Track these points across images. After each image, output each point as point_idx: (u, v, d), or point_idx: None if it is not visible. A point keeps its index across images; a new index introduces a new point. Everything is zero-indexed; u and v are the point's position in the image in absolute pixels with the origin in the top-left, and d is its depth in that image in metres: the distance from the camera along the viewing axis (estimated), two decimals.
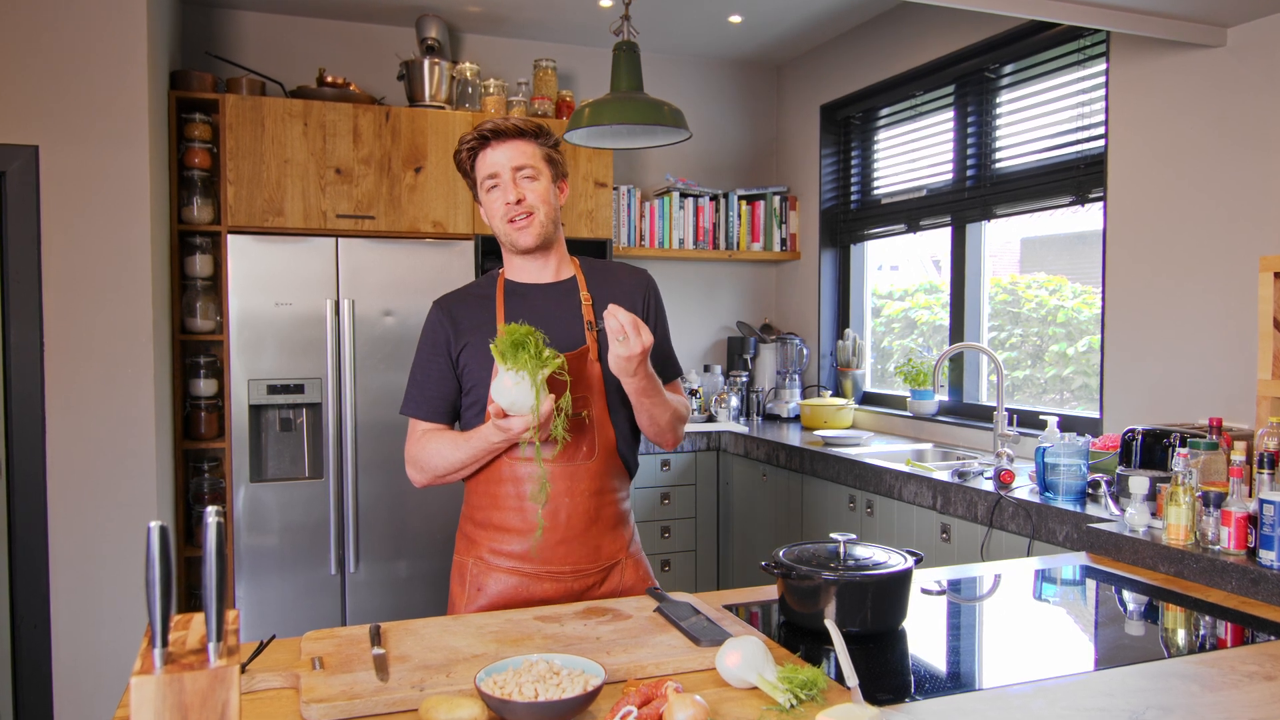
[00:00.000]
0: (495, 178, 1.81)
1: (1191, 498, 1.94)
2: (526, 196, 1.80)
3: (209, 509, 0.98)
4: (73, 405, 3.00)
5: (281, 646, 1.46)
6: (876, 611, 1.53)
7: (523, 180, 1.81)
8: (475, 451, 1.76)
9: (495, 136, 1.81)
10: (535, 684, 1.19)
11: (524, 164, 1.81)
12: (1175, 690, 1.31)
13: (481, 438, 1.73)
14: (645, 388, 1.76)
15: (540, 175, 1.82)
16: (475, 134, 1.82)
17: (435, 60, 3.85)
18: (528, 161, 1.81)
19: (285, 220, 3.57)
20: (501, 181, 1.81)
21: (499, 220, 1.83)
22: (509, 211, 1.80)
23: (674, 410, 1.86)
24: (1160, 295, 2.87)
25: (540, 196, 1.82)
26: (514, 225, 1.81)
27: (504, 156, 1.80)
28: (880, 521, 3.11)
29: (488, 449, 1.75)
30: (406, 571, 3.62)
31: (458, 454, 1.78)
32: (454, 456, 1.79)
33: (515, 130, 1.81)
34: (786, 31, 4.36)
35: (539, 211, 1.81)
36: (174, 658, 0.97)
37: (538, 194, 1.81)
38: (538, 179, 1.82)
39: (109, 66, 3.00)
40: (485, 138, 1.81)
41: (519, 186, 1.80)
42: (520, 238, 1.82)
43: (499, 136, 1.81)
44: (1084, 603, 1.89)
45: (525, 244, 1.82)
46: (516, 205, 1.80)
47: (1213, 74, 2.72)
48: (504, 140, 1.81)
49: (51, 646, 3.01)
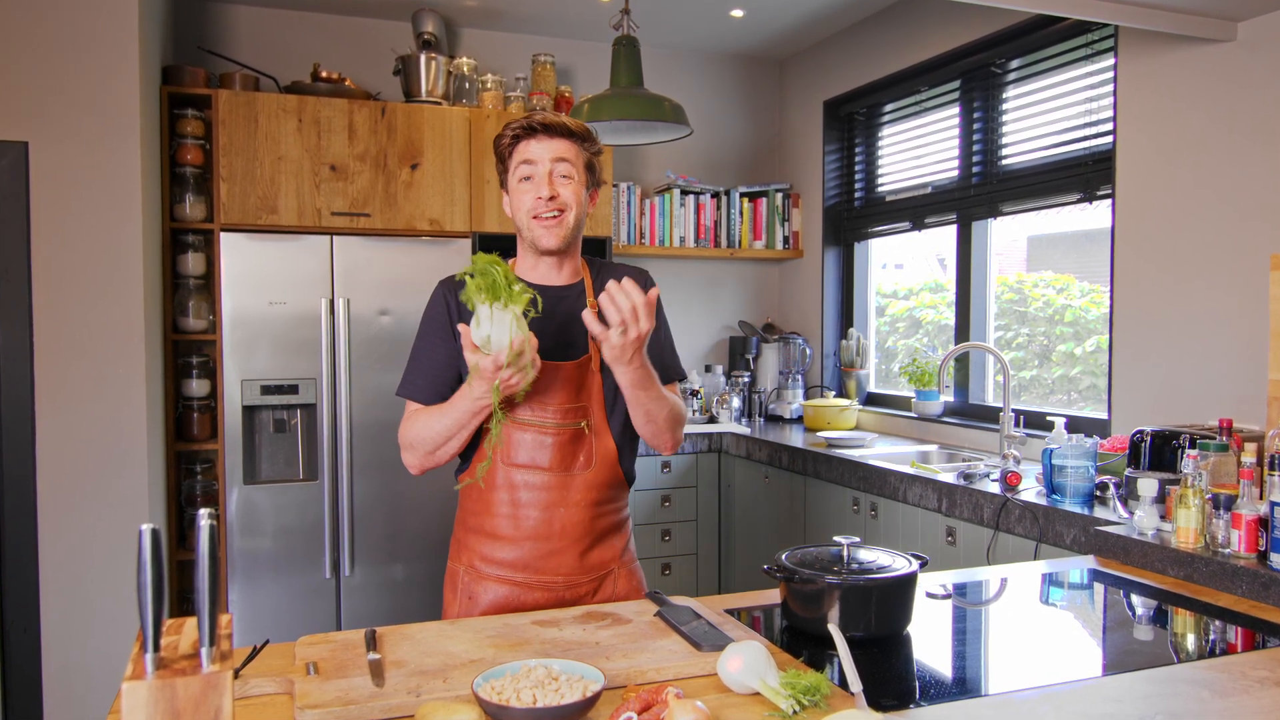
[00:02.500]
0: (531, 165, 1.78)
1: (1201, 500, 1.94)
2: (560, 194, 1.78)
3: (202, 511, 0.98)
4: (63, 406, 3.00)
5: (275, 651, 1.46)
6: (881, 616, 1.53)
7: (559, 178, 1.78)
8: (460, 415, 1.70)
9: (544, 130, 1.78)
10: (534, 690, 1.19)
11: (564, 160, 1.78)
12: (1185, 696, 1.31)
13: (462, 396, 1.68)
14: (640, 379, 1.70)
15: (576, 178, 1.80)
16: (524, 122, 1.79)
17: (432, 55, 3.85)
18: (569, 159, 1.79)
19: (279, 218, 3.57)
20: (537, 175, 1.78)
21: (524, 214, 1.79)
22: (538, 207, 1.77)
23: (671, 407, 1.82)
24: (1169, 294, 2.87)
25: (573, 197, 1.79)
26: (540, 222, 1.78)
27: (546, 151, 1.78)
28: (884, 524, 3.11)
29: (472, 410, 1.69)
30: (402, 575, 3.62)
31: (443, 420, 1.72)
32: (439, 425, 1.73)
33: (564, 129, 1.79)
34: (789, 26, 4.36)
35: (569, 212, 1.79)
36: (166, 663, 0.97)
37: (571, 194, 1.79)
38: (574, 180, 1.79)
39: (100, 61, 3.00)
40: (534, 129, 1.78)
41: (554, 183, 1.77)
42: (545, 237, 1.79)
43: (548, 131, 1.78)
44: (1092, 607, 1.89)
45: (547, 245, 1.79)
46: (549, 201, 1.77)
47: (1223, 69, 2.72)
48: (552, 136, 1.78)
49: (41, 651, 3.01)
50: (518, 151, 1.80)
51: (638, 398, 1.75)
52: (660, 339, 1.91)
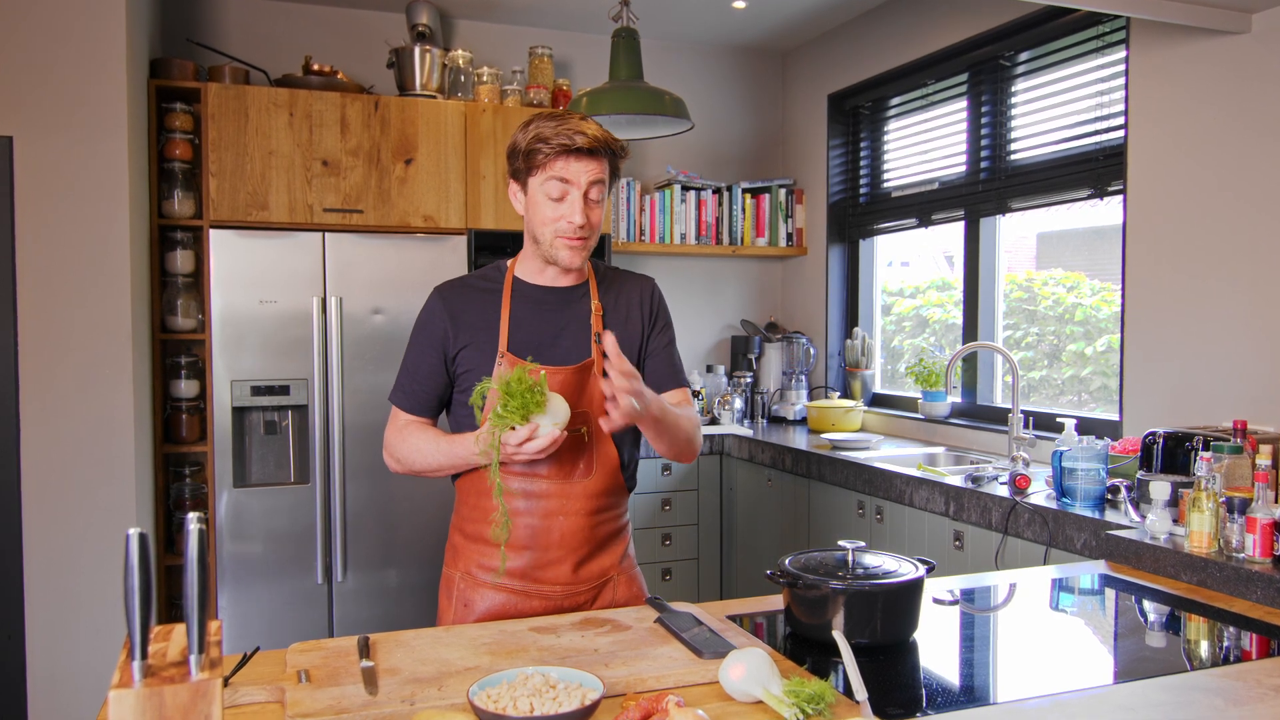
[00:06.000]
0: (566, 184, 1.74)
1: (1215, 504, 1.94)
2: (591, 219, 1.77)
3: (190, 515, 0.99)
4: (49, 407, 3.00)
5: (266, 659, 1.46)
6: (886, 622, 1.53)
7: (592, 203, 1.77)
8: (454, 461, 1.78)
9: (590, 153, 1.74)
10: (531, 698, 1.19)
11: (599, 181, 1.77)
12: (1198, 704, 1.31)
13: (465, 449, 1.74)
14: (653, 417, 1.72)
15: (604, 198, 1.80)
16: (571, 141, 1.72)
17: (426, 48, 3.85)
18: (603, 179, 1.78)
19: (270, 214, 3.57)
20: (571, 197, 1.75)
21: (548, 229, 1.77)
22: (569, 229, 1.76)
23: (687, 422, 1.84)
24: (1182, 292, 2.87)
25: (599, 218, 1.79)
26: (566, 241, 1.77)
27: (585, 173, 1.74)
28: (890, 528, 3.11)
29: (470, 462, 1.77)
30: (396, 581, 3.62)
31: (436, 457, 1.80)
32: (432, 459, 1.80)
33: (607, 150, 1.77)
34: (792, 17, 4.36)
35: (594, 235, 1.79)
36: (154, 670, 0.97)
37: (598, 215, 1.79)
38: (602, 202, 1.79)
39: (86, 54, 3.00)
40: (580, 150, 1.73)
41: (589, 208, 1.76)
42: (568, 258, 1.79)
43: (593, 154, 1.74)
44: (1103, 613, 1.89)
45: (571, 264, 1.80)
46: (581, 228, 1.76)
47: (1237, 61, 2.72)
48: (595, 158, 1.75)
49: (26, 658, 3.01)
50: (554, 165, 1.74)
51: (660, 430, 1.77)
52: (665, 344, 1.93)
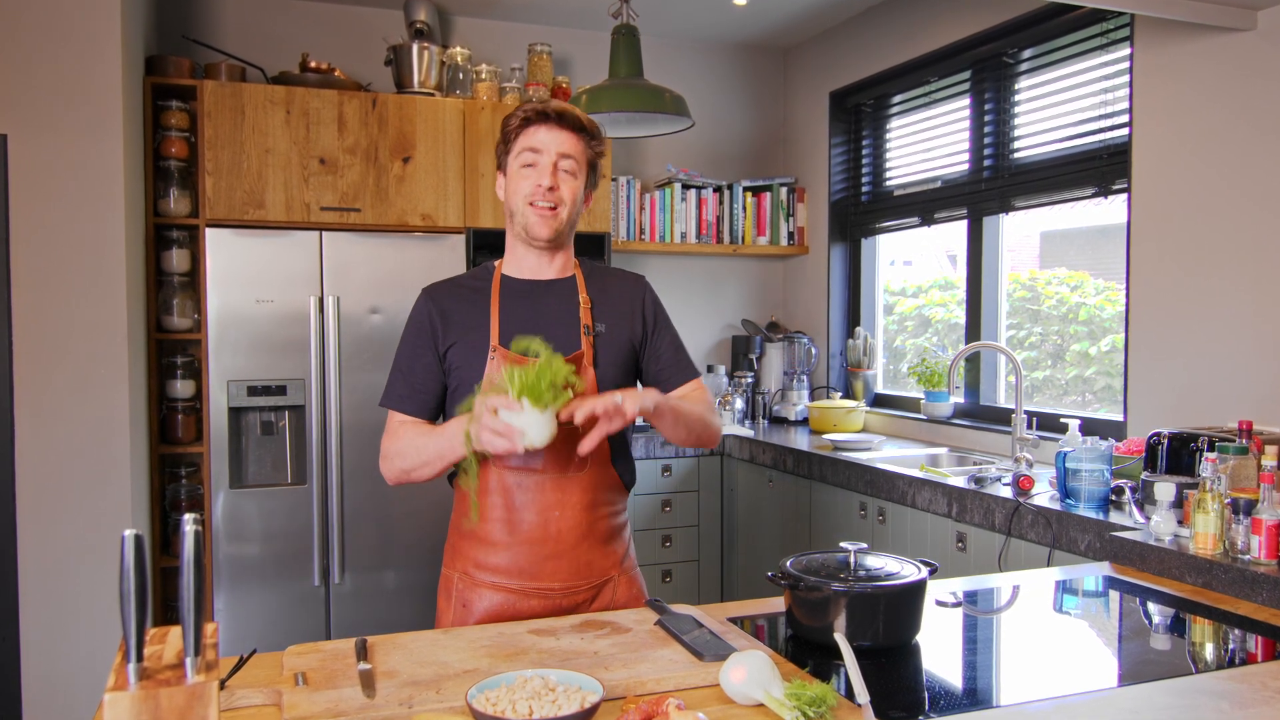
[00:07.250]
0: (536, 153, 1.82)
1: (1220, 505, 1.94)
2: (560, 187, 1.82)
3: (186, 516, 0.99)
4: (43, 407, 3.00)
5: (262, 661, 1.46)
6: (889, 624, 1.53)
7: (562, 172, 1.83)
8: (444, 452, 1.76)
9: (557, 120, 1.82)
10: (530, 701, 1.19)
11: (570, 156, 1.83)
12: (1204, 708, 1.31)
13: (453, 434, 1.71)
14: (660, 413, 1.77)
15: (579, 174, 1.85)
16: (538, 108, 1.83)
17: (424, 45, 3.85)
18: (574, 155, 1.83)
19: (266, 213, 3.57)
20: (540, 164, 1.82)
21: (520, 198, 1.83)
22: (536, 194, 1.81)
23: (700, 414, 1.87)
24: (1187, 291, 2.87)
25: (571, 193, 1.84)
26: (536, 210, 1.82)
27: (554, 142, 1.82)
28: (893, 530, 3.11)
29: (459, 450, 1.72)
30: (394, 582, 3.62)
31: (428, 448, 1.78)
32: (424, 451, 1.78)
33: (576, 122, 1.84)
34: (794, 14, 4.36)
35: (564, 208, 1.83)
36: (149, 673, 0.97)
37: (570, 190, 1.84)
38: (576, 176, 1.84)
39: (81, 51, 3.00)
40: (546, 115, 1.82)
41: (557, 175, 1.82)
42: (538, 225, 1.83)
43: (560, 121, 1.83)
44: (1107, 615, 1.89)
45: (540, 234, 1.83)
46: (549, 192, 1.81)
47: (1243, 59, 2.72)
48: (562, 127, 1.83)
49: (21, 660, 3.01)
50: (524, 136, 1.83)
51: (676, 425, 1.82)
52: (669, 341, 1.95)
